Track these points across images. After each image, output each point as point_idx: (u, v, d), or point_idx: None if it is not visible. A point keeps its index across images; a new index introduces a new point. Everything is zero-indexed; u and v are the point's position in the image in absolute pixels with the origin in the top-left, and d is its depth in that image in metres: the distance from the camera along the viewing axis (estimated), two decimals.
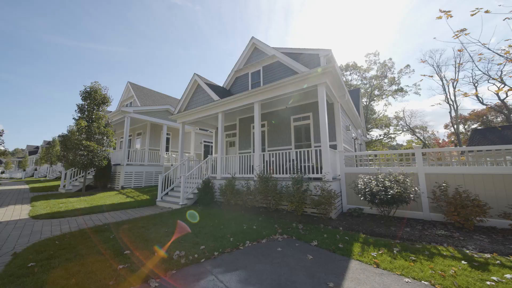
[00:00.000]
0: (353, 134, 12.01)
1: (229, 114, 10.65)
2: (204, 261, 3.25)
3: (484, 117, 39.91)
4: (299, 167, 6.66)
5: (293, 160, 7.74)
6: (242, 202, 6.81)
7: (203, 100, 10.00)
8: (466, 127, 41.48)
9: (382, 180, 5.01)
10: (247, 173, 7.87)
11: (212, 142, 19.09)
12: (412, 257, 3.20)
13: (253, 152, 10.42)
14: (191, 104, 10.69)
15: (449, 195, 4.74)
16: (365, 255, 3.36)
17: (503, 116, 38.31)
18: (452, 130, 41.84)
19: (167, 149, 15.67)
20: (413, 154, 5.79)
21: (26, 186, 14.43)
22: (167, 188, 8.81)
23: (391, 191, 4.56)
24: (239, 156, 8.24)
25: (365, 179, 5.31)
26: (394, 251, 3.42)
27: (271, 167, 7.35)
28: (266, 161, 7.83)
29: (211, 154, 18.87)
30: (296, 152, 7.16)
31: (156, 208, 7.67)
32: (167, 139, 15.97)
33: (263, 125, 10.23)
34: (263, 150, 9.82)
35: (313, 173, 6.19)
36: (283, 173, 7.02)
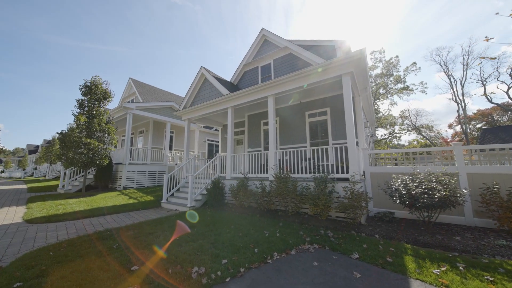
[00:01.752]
0: (368, 132, 11.40)
1: (237, 111, 10.01)
2: (230, 281, 2.65)
3: (489, 117, 39.26)
4: (316, 166, 6.06)
5: (309, 158, 7.16)
6: (257, 204, 6.21)
7: (210, 95, 9.40)
8: (470, 126, 40.80)
9: (423, 181, 4.40)
10: (259, 173, 7.29)
11: (217, 141, 18.51)
12: (488, 276, 2.60)
13: (263, 150, 9.81)
14: (198, 100, 10.08)
15: (504, 198, 4.12)
16: (425, 272, 2.75)
17: (509, 115, 37.67)
18: (457, 129, 41.22)
19: (170, 148, 15.07)
20: (452, 152, 5.18)
21: (24, 186, 13.86)
22: (173, 188, 8.21)
23: (437, 194, 3.95)
24: (251, 154, 7.65)
25: (400, 180, 4.70)
26: (460, 268, 2.81)
27: (286, 167, 6.75)
28: (279, 159, 7.23)
29: (215, 153, 18.27)
30: (314, 150, 6.57)
31: (162, 210, 7.08)
32: (171, 137, 15.38)
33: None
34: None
35: (337, 173, 5.58)
36: (299, 173, 6.44)
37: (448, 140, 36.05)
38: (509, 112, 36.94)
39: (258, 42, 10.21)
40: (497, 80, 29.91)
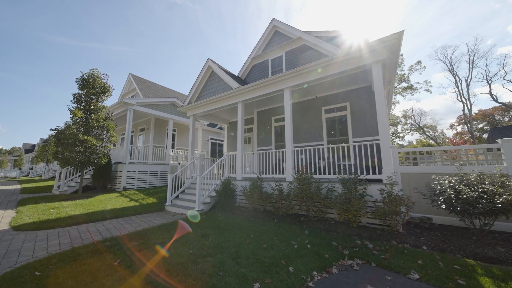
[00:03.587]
0: None
1: (245, 107, 9.37)
2: None
3: (490, 117, 38.96)
4: (340, 166, 5.45)
5: (327, 157, 6.55)
6: (274, 208, 5.57)
7: (218, 89, 8.75)
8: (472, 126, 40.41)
9: (474, 183, 3.79)
10: (271, 173, 6.66)
11: (220, 140, 17.85)
12: None
13: (274, 149, 9.18)
14: (204, 94, 9.43)
15: None
16: None
17: (510, 115, 37.35)
18: (458, 130, 40.85)
19: (172, 147, 14.39)
20: (498, 149, 4.58)
21: (18, 186, 13.12)
22: (177, 190, 7.55)
23: (499, 199, 3.33)
24: (261, 153, 7.03)
25: (447, 182, 4.08)
26: None
27: (305, 167, 6.13)
28: (293, 159, 6.59)
29: (218, 152, 17.61)
30: (332, 148, 5.94)
31: (166, 214, 6.42)
32: (173, 136, 14.70)
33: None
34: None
35: (367, 173, 4.96)
36: (317, 173, 5.81)
37: (454, 141, 35.63)
38: (511, 112, 36.68)
39: (268, 33, 9.56)
40: (503, 79, 29.53)
